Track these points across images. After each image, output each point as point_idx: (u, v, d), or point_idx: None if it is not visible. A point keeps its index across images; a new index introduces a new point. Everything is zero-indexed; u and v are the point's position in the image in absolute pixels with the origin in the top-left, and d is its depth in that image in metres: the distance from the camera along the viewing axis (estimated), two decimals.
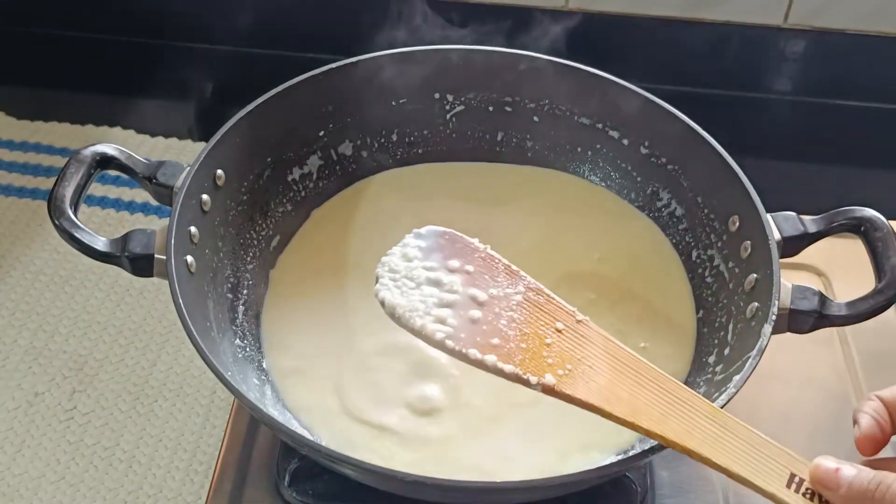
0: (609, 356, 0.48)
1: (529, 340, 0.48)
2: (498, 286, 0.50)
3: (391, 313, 0.50)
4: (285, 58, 0.97)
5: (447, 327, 0.48)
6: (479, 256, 0.51)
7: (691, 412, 0.47)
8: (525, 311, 0.49)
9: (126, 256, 0.58)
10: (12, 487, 0.67)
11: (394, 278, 0.50)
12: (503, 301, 0.50)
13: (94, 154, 0.61)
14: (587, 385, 0.47)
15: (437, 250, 0.51)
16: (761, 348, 0.54)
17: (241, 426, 0.64)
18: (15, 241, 0.83)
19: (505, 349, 0.48)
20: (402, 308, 0.49)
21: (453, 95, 0.72)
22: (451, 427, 0.59)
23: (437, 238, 0.52)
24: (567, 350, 0.48)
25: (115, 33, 1.00)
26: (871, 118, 0.98)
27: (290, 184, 0.70)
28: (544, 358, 0.48)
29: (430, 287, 0.50)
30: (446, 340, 0.48)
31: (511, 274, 0.51)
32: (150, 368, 0.74)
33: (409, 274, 0.50)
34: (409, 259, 0.51)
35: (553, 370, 0.47)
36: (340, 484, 0.59)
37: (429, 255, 0.51)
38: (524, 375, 0.47)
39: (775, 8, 0.91)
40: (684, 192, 0.68)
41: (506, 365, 0.47)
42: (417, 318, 0.48)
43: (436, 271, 0.50)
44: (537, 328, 0.49)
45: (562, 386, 0.47)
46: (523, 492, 0.52)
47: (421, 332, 0.48)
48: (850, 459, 0.65)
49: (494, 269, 0.51)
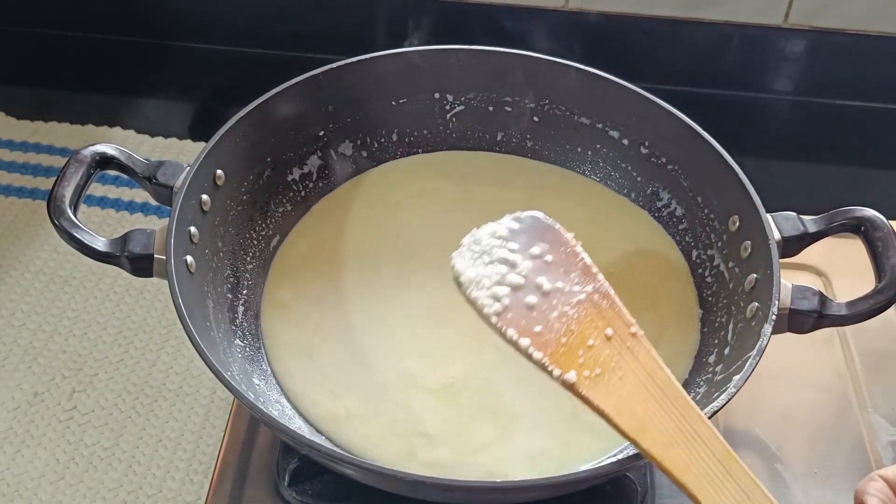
0: (644, 373, 0.49)
1: (572, 338, 0.50)
2: (568, 281, 0.52)
3: (455, 278, 0.52)
4: (285, 58, 0.97)
5: (498, 304, 0.50)
6: (563, 250, 0.53)
7: (701, 448, 0.47)
8: (581, 310, 0.51)
9: (126, 256, 0.58)
10: (12, 487, 0.67)
11: (473, 249, 0.53)
12: (565, 295, 0.51)
13: (93, 154, 0.61)
14: (607, 392, 0.48)
15: (526, 234, 0.53)
16: (761, 348, 0.54)
17: (241, 426, 0.64)
18: (15, 241, 0.83)
19: (543, 338, 0.49)
20: (466, 277, 0.51)
21: (453, 95, 0.72)
22: (452, 425, 0.59)
23: (532, 223, 0.54)
24: (605, 356, 0.49)
25: (115, 33, 1.00)
26: (871, 118, 0.98)
27: (290, 184, 0.70)
28: (578, 357, 0.49)
29: (502, 265, 0.52)
30: (491, 316, 0.50)
31: (587, 273, 0.52)
32: (150, 368, 0.74)
33: (489, 249, 0.52)
34: (497, 236, 0.53)
35: (580, 369, 0.48)
36: (340, 484, 0.59)
37: (516, 237, 0.53)
38: (549, 366, 0.49)
39: (775, 8, 0.91)
40: (684, 192, 0.68)
41: (536, 351, 0.49)
42: (475, 290, 0.51)
43: (515, 253, 0.52)
44: (586, 328, 0.50)
45: (581, 386, 0.48)
46: (523, 492, 0.52)
47: (474, 303, 0.51)
48: (849, 459, 0.66)
49: (573, 264, 0.53)
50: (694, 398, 0.58)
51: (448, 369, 0.62)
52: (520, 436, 0.59)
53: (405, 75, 0.71)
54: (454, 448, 0.58)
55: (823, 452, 0.65)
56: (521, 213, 0.54)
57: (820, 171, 0.96)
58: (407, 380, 0.62)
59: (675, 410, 0.48)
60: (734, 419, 0.66)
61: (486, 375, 0.61)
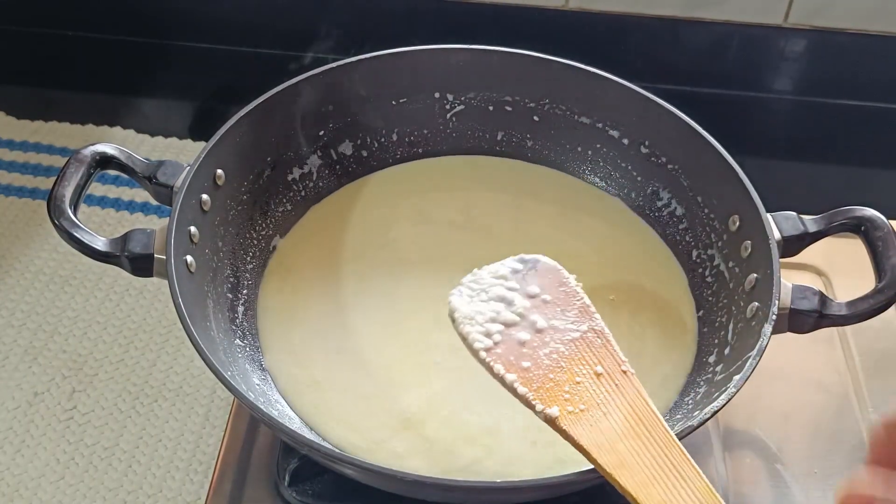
0: (631, 410, 0.49)
1: (560, 374, 0.50)
2: (564, 320, 0.53)
3: (451, 314, 0.53)
4: (285, 58, 0.97)
5: (488, 340, 0.52)
6: (562, 289, 0.54)
7: (683, 488, 0.46)
8: (573, 348, 0.52)
9: (126, 256, 0.58)
10: (12, 487, 0.67)
11: (472, 287, 0.54)
12: (559, 333, 0.52)
13: (93, 154, 0.61)
14: (589, 428, 0.48)
15: (526, 274, 0.55)
16: (761, 348, 0.54)
17: (241, 426, 0.64)
18: (15, 240, 0.83)
19: (530, 374, 0.50)
20: (460, 313, 0.53)
21: (453, 95, 0.72)
22: (450, 424, 0.59)
23: (534, 264, 0.55)
24: (592, 392, 0.50)
25: (115, 33, 1.00)
26: (871, 118, 0.98)
27: (290, 183, 0.70)
28: (564, 392, 0.50)
29: (498, 303, 0.53)
30: (480, 351, 0.51)
31: (584, 313, 0.53)
32: (150, 368, 0.74)
33: (488, 288, 0.54)
34: (497, 276, 0.55)
35: (564, 405, 0.49)
36: (340, 484, 0.59)
37: (515, 277, 0.55)
38: (532, 400, 0.49)
39: (775, 7, 0.91)
40: (684, 192, 0.68)
41: (521, 387, 0.50)
42: (467, 325, 0.52)
43: (513, 291, 0.54)
44: (575, 365, 0.51)
45: (562, 421, 0.48)
46: (523, 492, 0.52)
47: (465, 338, 0.52)
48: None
49: (570, 304, 0.54)
50: (694, 398, 0.59)
51: (446, 364, 0.62)
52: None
53: (405, 75, 0.71)
54: (452, 448, 0.58)
55: (823, 452, 0.65)
56: (526, 256, 0.55)
57: (820, 170, 0.96)
58: (404, 383, 0.62)
59: (659, 449, 0.47)
60: (734, 419, 0.66)
61: (489, 380, 0.61)
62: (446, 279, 0.57)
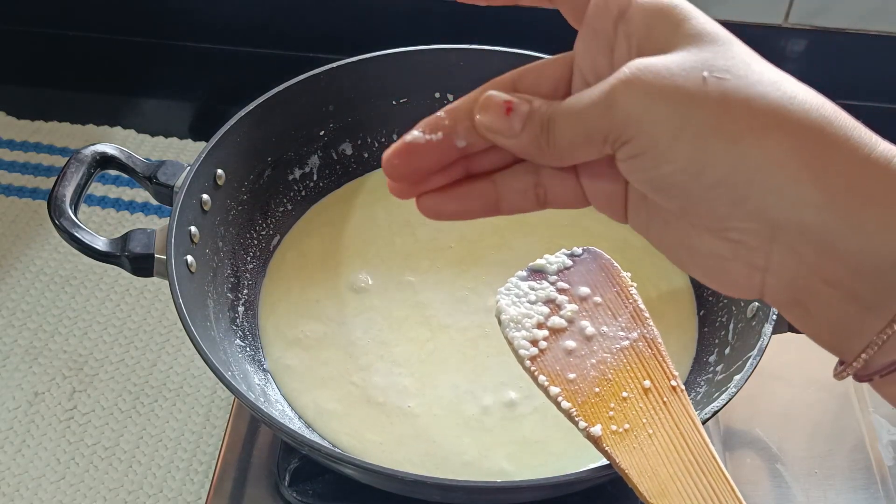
0: (677, 432, 0.46)
1: (606, 387, 0.47)
2: (614, 326, 0.49)
3: (497, 316, 0.50)
4: (285, 58, 0.97)
5: (534, 348, 0.48)
6: (615, 290, 0.51)
7: None
8: (621, 358, 0.48)
9: (126, 256, 0.58)
10: (12, 487, 0.67)
11: (520, 287, 0.51)
12: (608, 341, 0.49)
13: (94, 154, 0.61)
14: (632, 450, 0.45)
15: (577, 272, 0.51)
16: (762, 348, 0.54)
17: (241, 426, 0.64)
18: (15, 240, 0.83)
19: (575, 387, 0.47)
20: (507, 316, 0.49)
21: (453, 95, 0.72)
22: (450, 424, 0.59)
23: (587, 259, 0.52)
24: (638, 410, 0.47)
25: (115, 33, 1.00)
26: (871, 118, 0.97)
27: (290, 183, 0.70)
28: (609, 409, 0.46)
29: (545, 306, 0.50)
30: (525, 360, 0.48)
31: (637, 317, 0.50)
32: (150, 368, 0.74)
33: (535, 287, 0.51)
34: (549, 272, 0.51)
35: (608, 423, 0.46)
36: (340, 484, 0.59)
37: (566, 276, 0.51)
38: (576, 417, 0.46)
39: (776, 7, 0.91)
40: None
41: (565, 402, 0.47)
42: (513, 330, 0.49)
43: (562, 294, 0.50)
44: (622, 378, 0.48)
45: (605, 441, 0.45)
46: (523, 492, 0.52)
47: (510, 343, 0.49)
48: (849, 459, 0.65)
49: (622, 307, 0.50)
50: (694, 398, 0.59)
51: (441, 379, 0.62)
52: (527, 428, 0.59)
53: (405, 75, 0.71)
54: (450, 448, 0.58)
55: (823, 452, 0.65)
56: (578, 249, 0.52)
57: None
58: (406, 383, 0.62)
59: (703, 476, 0.44)
60: (734, 419, 0.66)
61: (486, 382, 0.62)
62: (447, 279, 0.57)
